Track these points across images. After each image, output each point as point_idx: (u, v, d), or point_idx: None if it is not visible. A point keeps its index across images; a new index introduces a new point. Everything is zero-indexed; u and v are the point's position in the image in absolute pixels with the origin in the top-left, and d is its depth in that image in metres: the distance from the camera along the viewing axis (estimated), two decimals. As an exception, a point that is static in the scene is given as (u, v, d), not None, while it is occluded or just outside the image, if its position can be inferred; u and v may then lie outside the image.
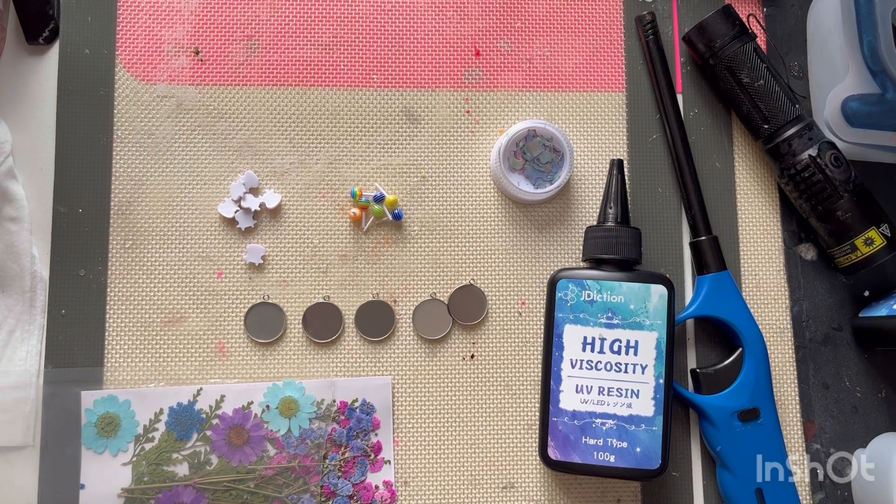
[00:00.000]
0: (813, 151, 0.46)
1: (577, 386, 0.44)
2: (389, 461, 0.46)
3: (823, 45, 0.49)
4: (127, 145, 0.48)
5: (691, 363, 0.48)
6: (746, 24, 0.48)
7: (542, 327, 0.47)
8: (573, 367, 0.45)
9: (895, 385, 0.49)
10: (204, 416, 0.46)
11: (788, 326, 0.49)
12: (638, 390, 0.44)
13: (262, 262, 0.47)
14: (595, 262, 0.46)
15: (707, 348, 0.49)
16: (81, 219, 0.47)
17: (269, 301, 0.47)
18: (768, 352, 0.47)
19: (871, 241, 0.46)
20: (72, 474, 0.45)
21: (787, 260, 0.50)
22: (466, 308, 0.48)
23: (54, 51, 0.48)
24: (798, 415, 0.48)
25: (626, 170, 0.49)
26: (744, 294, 0.49)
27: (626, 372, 0.44)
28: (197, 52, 0.49)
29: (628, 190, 0.49)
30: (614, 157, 0.48)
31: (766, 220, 0.50)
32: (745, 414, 0.45)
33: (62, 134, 0.48)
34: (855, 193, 0.46)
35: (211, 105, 0.48)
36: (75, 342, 0.46)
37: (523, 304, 0.48)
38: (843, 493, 0.47)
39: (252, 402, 0.46)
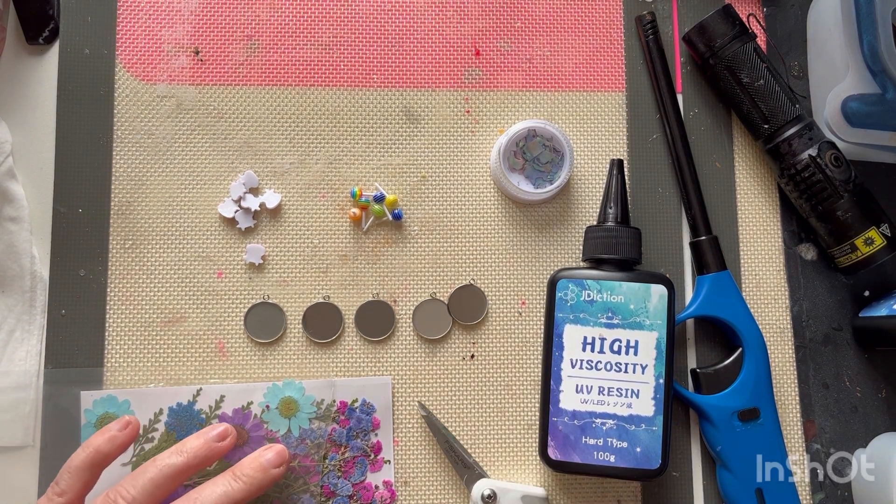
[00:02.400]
0: (813, 151, 0.46)
1: (577, 386, 0.44)
2: (389, 461, 0.46)
3: (823, 45, 0.49)
4: (127, 145, 0.48)
5: (691, 363, 0.48)
6: (746, 24, 0.48)
7: (542, 327, 0.47)
8: (573, 366, 0.45)
9: (895, 385, 0.49)
10: (204, 416, 0.46)
11: (788, 326, 0.49)
12: (638, 390, 0.44)
13: (262, 262, 0.47)
14: (595, 262, 0.46)
15: (707, 348, 0.49)
16: (81, 219, 0.47)
17: (269, 301, 0.47)
18: (768, 352, 0.47)
19: (871, 240, 0.46)
20: (72, 474, 0.45)
21: (787, 260, 0.50)
22: (466, 308, 0.48)
23: (54, 51, 0.48)
24: (798, 415, 0.48)
25: (626, 170, 0.49)
26: (744, 294, 0.49)
27: (626, 372, 0.44)
28: (197, 52, 0.49)
29: (628, 190, 0.49)
30: (614, 157, 0.48)
31: (766, 220, 0.50)
32: (745, 414, 0.45)
33: (62, 134, 0.48)
34: (855, 193, 0.46)
35: (211, 105, 0.48)
36: (75, 342, 0.46)
37: (523, 304, 0.48)
38: (843, 493, 0.47)
39: (252, 403, 0.46)
